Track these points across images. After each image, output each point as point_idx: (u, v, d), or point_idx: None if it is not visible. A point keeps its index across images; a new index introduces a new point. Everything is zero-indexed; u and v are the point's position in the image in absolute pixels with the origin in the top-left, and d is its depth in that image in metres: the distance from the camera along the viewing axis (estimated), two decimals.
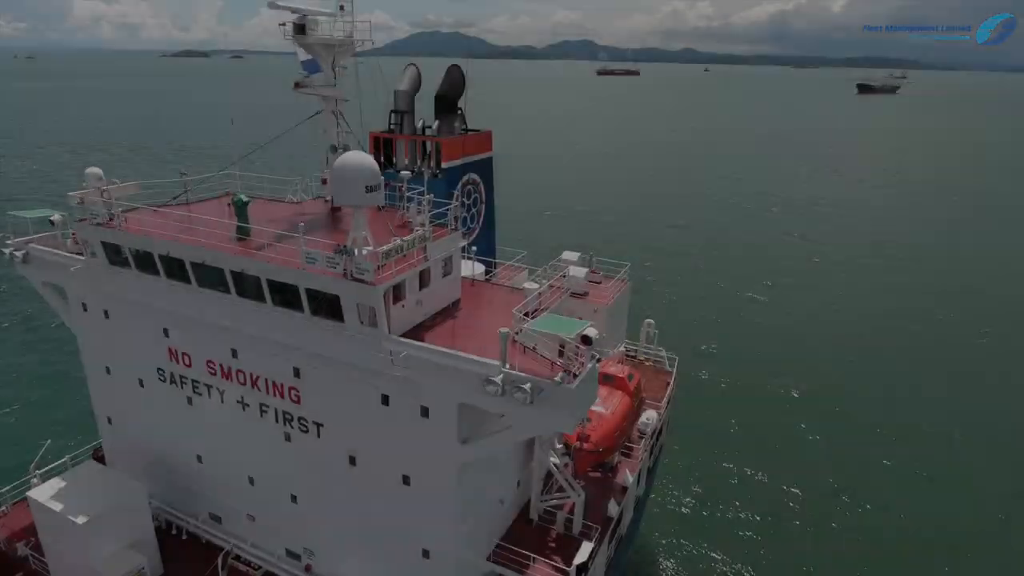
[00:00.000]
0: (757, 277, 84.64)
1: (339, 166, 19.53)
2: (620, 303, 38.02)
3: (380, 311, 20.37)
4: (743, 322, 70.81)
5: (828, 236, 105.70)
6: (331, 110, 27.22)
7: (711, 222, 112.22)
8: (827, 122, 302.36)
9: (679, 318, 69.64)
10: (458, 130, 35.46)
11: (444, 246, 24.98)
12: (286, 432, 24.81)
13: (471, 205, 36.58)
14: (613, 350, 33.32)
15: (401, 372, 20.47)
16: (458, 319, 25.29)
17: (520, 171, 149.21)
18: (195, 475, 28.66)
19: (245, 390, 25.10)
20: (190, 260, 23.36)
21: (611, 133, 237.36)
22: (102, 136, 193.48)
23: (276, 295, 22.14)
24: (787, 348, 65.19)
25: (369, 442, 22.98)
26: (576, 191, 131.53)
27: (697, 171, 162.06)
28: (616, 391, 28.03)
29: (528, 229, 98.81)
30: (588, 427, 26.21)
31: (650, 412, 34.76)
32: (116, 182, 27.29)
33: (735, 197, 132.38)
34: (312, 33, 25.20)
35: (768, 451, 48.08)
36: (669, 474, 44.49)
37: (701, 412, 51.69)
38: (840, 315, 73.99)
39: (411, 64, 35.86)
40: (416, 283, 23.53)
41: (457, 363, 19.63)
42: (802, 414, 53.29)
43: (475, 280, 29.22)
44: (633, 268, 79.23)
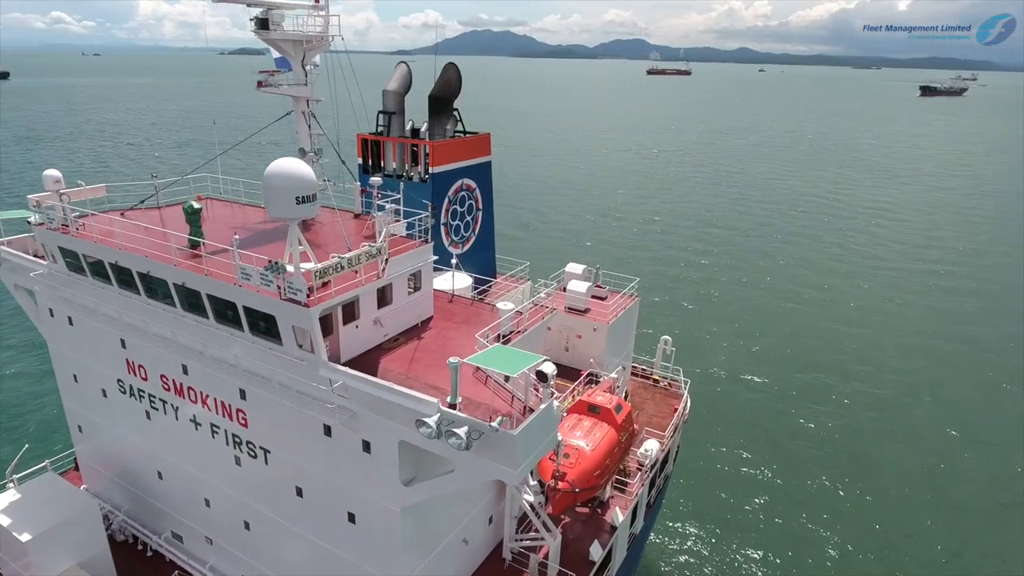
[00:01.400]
0: (795, 290, 79.93)
1: (267, 175, 17.66)
2: (624, 321, 35.38)
3: (316, 335, 18.44)
4: (778, 342, 66.48)
5: (877, 248, 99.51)
6: (301, 111, 25.50)
7: (750, 230, 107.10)
8: (883, 125, 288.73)
9: (705, 335, 66.04)
10: (450, 132, 33.34)
11: (410, 260, 22.98)
12: (236, 455, 23.23)
13: (464, 213, 34.40)
14: (606, 376, 30.67)
15: (336, 402, 18.55)
16: (424, 340, 23.26)
17: (544, 173, 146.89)
18: (157, 492, 27.46)
19: (196, 409, 23.63)
20: (136, 270, 21.98)
21: (651, 133, 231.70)
22: (150, 132, 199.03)
23: (217, 311, 20.51)
24: (829, 371, 60.62)
25: (314, 474, 21.15)
26: (603, 195, 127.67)
27: (738, 175, 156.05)
28: (601, 423, 25.48)
29: (544, 236, 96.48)
30: (565, 464, 23.74)
31: (651, 442, 32.01)
32: (81, 184, 26.28)
33: (777, 203, 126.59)
34: (277, 28, 23.43)
35: (794, 488, 44.30)
36: (675, 510, 41.39)
37: (720, 440, 48.37)
38: (887, 337, 68.80)
39: (401, 62, 33.92)
40: (373, 301, 21.61)
41: (393, 398, 17.54)
42: (836, 447, 49.11)
43: (454, 296, 27.14)
44: (660, 280, 75.71)
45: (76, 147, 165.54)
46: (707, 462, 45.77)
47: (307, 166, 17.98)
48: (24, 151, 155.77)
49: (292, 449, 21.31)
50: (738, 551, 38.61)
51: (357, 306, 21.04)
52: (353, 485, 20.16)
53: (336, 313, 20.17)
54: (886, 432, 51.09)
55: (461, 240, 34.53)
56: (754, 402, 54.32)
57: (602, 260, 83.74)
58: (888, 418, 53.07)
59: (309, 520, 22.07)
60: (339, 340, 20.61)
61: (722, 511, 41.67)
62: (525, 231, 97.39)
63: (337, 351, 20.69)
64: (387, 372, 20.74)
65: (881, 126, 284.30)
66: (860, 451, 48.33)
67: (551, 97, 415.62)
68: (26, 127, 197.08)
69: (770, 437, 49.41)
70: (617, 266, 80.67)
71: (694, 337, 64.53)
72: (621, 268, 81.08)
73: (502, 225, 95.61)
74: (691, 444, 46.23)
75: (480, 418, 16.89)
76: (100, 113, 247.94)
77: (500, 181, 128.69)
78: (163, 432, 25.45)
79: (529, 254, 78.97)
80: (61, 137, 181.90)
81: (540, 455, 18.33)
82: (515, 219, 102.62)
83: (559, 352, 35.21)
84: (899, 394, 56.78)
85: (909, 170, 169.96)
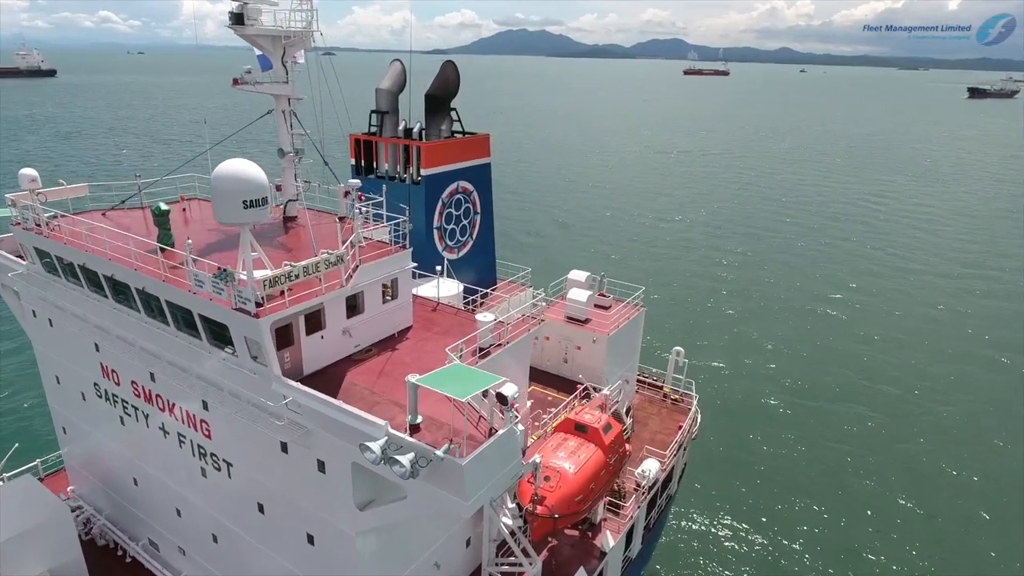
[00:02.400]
0: (827, 301, 76.56)
1: (214, 177, 16.67)
2: (627, 332, 33.76)
3: (267, 347, 17.39)
4: (805, 354, 63.59)
5: (917, 256, 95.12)
6: (282, 110, 24.55)
7: (779, 236, 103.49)
8: (927, 128, 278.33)
9: (724, 346, 63.53)
10: (445, 132, 32.09)
11: (384, 267, 21.85)
12: (202, 467, 22.40)
13: (460, 217, 33.11)
14: (604, 390, 29.08)
15: (288, 419, 17.49)
16: (398, 352, 22.11)
17: (559, 174, 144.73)
18: (134, 498, 26.90)
19: (165, 417, 22.88)
20: (102, 273, 21.29)
21: (676, 134, 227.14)
22: (186, 129, 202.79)
23: (175, 318, 19.66)
24: (858, 388, 57.53)
25: (274, 491, 20.17)
26: (620, 197, 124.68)
27: (770, 178, 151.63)
28: (588, 444, 23.96)
29: (557, 241, 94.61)
30: (545, 487, 22.32)
31: (650, 462, 30.36)
32: (62, 183, 25.79)
33: (812, 208, 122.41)
34: (253, 23, 22.49)
35: (812, 516, 41.85)
36: (680, 532, 39.44)
37: (733, 459, 46.09)
38: (924, 351, 65.19)
39: (396, 60, 32.82)
40: (341, 310, 20.54)
41: (341, 417, 16.39)
42: (863, 471, 46.24)
43: (440, 304, 25.91)
44: (679, 286, 73.26)
45: (117, 142, 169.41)
46: (717, 481, 43.62)
47: (257, 168, 16.93)
48: (66, 146, 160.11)
49: (252, 464, 20.39)
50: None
51: (323, 315, 19.99)
52: (310, 505, 19.12)
53: (297, 323, 19.14)
54: (922, 454, 47.92)
55: (457, 245, 33.27)
56: (774, 420, 51.76)
57: (618, 264, 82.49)
58: (926, 441, 49.75)
59: (271, 538, 21.14)
60: (301, 351, 19.58)
61: (730, 535, 39.62)
62: (536, 236, 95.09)
63: (299, 363, 19.67)
64: (352, 387, 19.66)
65: (925, 128, 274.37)
66: (893, 478, 45.49)
67: (577, 97, 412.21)
68: (69, 123, 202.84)
69: (789, 458, 46.99)
70: (635, 272, 79.01)
71: (713, 348, 62.16)
72: (638, 274, 79.35)
73: (515, 229, 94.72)
74: (701, 462, 44.28)
75: (440, 442, 15.65)
76: (140, 110, 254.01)
77: (517, 183, 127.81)
78: (136, 439, 24.84)
79: (540, 259, 78.18)
80: (103, 132, 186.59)
81: (502, 485, 17.01)
82: (525, 223, 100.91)
83: (558, 363, 33.80)
84: (939, 416, 53.58)
85: (954, 174, 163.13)
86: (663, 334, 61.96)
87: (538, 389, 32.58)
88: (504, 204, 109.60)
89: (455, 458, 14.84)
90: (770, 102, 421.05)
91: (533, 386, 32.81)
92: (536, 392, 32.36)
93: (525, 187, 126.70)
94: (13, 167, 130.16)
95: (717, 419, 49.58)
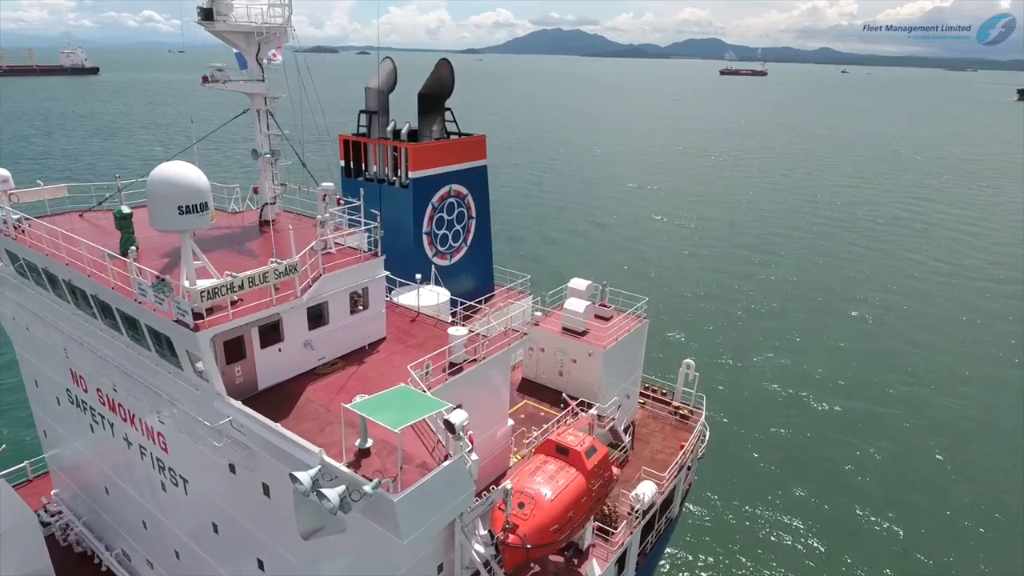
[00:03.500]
0: (855, 312, 73.30)
1: (149, 181, 15.64)
2: (627, 346, 32.00)
3: (207, 362, 16.30)
4: (828, 368, 60.73)
5: (955, 265, 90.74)
6: (257, 109, 23.55)
7: (807, 242, 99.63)
8: (972, 131, 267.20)
9: (740, 358, 61.05)
10: (437, 134, 30.75)
11: (351, 276, 20.66)
12: (162, 481, 21.52)
13: (453, 221, 31.74)
14: (586, 412, 27.43)
15: (232, 438, 16.41)
16: (365, 366, 20.91)
17: (568, 176, 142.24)
18: (107, 507, 26.26)
19: (127, 428, 22.07)
20: (62, 278, 20.55)
21: (703, 135, 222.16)
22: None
23: (127, 327, 18.76)
24: (884, 404, 54.70)
25: (225, 512, 19.13)
26: (634, 201, 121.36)
27: (801, 182, 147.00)
28: (568, 468, 22.37)
29: (563, 248, 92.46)
30: (519, 514, 20.83)
31: (646, 484, 28.61)
32: (40, 183, 25.22)
33: (845, 214, 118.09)
34: (223, 19, 21.50)
35: (828, 541, 39.56)
36: (680, 558, 37.49)
37: (744, 479, 43.89)
38: (956, 365, 61.77)
39: (387, 58, 31.59)
40: (302, 321, 19.40)
41: (277, 441, 15.22)
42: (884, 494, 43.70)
43: (420, 314, 24.65)
44: (695, 295, 70.53)
45: (149, 139, 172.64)
46: (726, 503, 41.47)
47: (197, 172, 15.85)
48: (103, 142, 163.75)
49: (205, 482, 19.40)
50: None
51: (281, 327, 18.88)
52: (257, 530, 18.02)
53: (250, 335, 18.03)
54: (962, 491, 44.10)
55: (449, 251, 31.93)
56: (790, 439, 49.13)
57: (631, 271, 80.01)
58: (965, 475, 46.03)
59: (226, 560, 20.15)
60: (255, 365, 18.49)
61: (738, 561, 37.54)
62: (547, 242, 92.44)
63: (254, 377, 18.59)
64: (308, 404, 18.52)
65: (970, 131, 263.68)
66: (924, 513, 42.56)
67: (602, 95, 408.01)
68: (108, 119, 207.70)
69: (805, 482, 44.40)
70: (648, 279, 76.67)
71: (728, 362, 59.74)
72: (653, 281, 77.01)
73: (528, 234, 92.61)
74: (708, 481, 42.28)
75: (390, 471, 14.40)
76: (177, 106, 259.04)
77: (529, 185, 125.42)
78: (104, 448, 24.16)
79: (549, 265, 76.20)
80: (141, 129, 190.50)
81: (448, 518, 15.60)
82: (538, 227, 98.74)
83: (553, 376, 32.22)
84: (969, 436, 50.53)
85: (998, 180, 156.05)
86: (675, 345, 59.87)
87: (531, 403, 31.09)
88: (516, 207, 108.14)
89: (388, 493, 13.51)
90: (806, 103, 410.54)
91: (525, 400, 31.35)
92: (528, 407, 30.87)
93: (536, 189, 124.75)
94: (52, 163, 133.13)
95: (729, 436, 47.43)
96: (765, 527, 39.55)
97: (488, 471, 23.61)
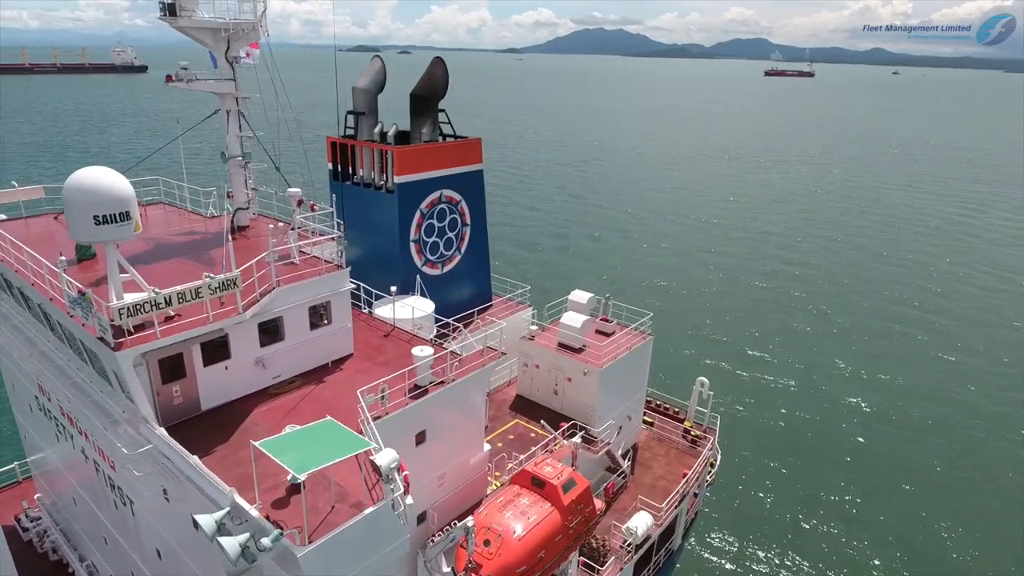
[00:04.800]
0: (892, 331, 69.28)
1: (64, 188, 14.44)
2: (628, 364, 30.03)
3: (131, 384, 15.10)
4: (864, 390, 57.38)
5: (1006, 282, 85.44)
6: (227, 110, 22.41)
7: (841, 254, 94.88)
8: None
9: (761, 377, 58.05)
10: (427, 136, 29.19)
11: (309, 289, 19.31)
12: (114, 499, 20.54)
13: (445, 229, 30.13)
14: (569, 440, 25.51)
15: (156, 464, 15.21)
16: (324, 386, 19.55)
17: (595, 181, 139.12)
18: (76, 517, 25.55)
19: (83, 442, 21.15)
20: (15, 285, 19.74)
21: (743, 137, 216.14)
22: None
23: (68, 341, 17.77)
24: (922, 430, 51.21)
25: (165, 540, 17.98)
26: (649, 207, 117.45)
27: (838, 188, 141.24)
28: (542, 503, 20.58)
29: (574, 256, 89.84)
30: (484, 552, 19.17)
31: (641, 516, 26.68)
32: (15, 184, 24.64)
33: (884, 223, 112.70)
34: (188, 15, 20.37)
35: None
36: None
37: (763, 508, 41.17)
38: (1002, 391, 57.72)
39: (376, 56, 30.20)
40: (253, 337, 18.12)
41: (193, 475, 13.91)
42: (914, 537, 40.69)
43: (395, 327, 23.20)
44: (715, 308, 67.16)
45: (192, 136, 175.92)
46: (737, 533, 38.83)
47: (116, 178, 14.63)
48: (147, 140, 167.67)
49: (148, 506, 18.25)
50: None
51: (228, 344, 17.62)
52: (193, 562, 16.77)
53: (190, 352, 16.80)
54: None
55: (440, 260, 30.35)
56: (814, 468, 45.65)
57: (648, 281, 76.92)
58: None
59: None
60: (197, 384, 17.25)
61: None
62: (554, 251, 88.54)
63: (195, 397, 17.36)
64: (253, 427, 17.23)
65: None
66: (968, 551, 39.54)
67: (634, 96, 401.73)
68: (152, 117, 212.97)
69: (828, 513, 41.54)
70: (669, 290, 73.54)
71: (745, 380, 56.65)
72: (674, 291, 73.83)
73: (545, 244, 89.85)
74: (719, 508, 39.85)
75: (325, 510, 13.00)
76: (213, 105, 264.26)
77: (544, 188, 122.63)
78: (68, 459, 23.36)
79: (562, 274, 73.78)
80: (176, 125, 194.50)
81: (376, 569, 14.01)
82: (556, 235, 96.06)
83: (548, 395, 30.42)
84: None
85: None
86: (689, 361, 57.03)
87: (522, 423, 29.36)
88: (529, 212, 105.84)
89: (293, 545, 12.01)
90: (853, 104, 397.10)
91: (516, 419, 29.64)
92: (519, 427, 29.15)
93: (559, 193, 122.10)
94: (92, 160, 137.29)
95: (744, 461, 44.70)
96: (781, 564, 36.91)
97: (461, 499, 22.01)
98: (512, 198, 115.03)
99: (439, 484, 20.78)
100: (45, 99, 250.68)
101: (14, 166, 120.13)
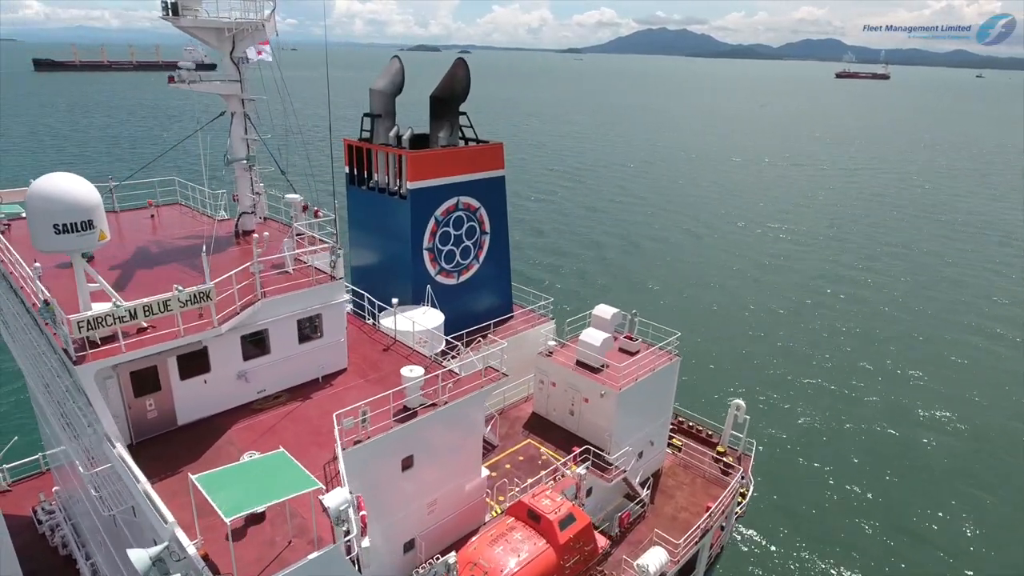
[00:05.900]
0: (953, 353, 64.41)
1: (27, 195, 13.86)
2: (650, 386, 28.19)
3: (93, 400, 14.49)
4: (915, 414, 53.35)
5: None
6: (232, 111, 21.85)
7: (899, 271, 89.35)
8: None
9: (803, 402, 54.58)
10: (444, 140, 28.00)
11: (298, 301, 18.45)
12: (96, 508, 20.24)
13: (462, 237, 28.91)
14: (574, 471, 23.84)
15: (103, 489, 14.57)
16: (310, 403, 18.67)
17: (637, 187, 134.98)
18: (81, 514, 25.58)
19: (73, 444, 20.96)
20: (10, 284, 19.64)
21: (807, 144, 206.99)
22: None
23: (52, 347, 17.39)
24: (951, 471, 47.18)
25: (127, 565, 17.44)
26: (697, 213, 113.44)
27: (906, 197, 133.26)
28: (537, 538, 19.13)
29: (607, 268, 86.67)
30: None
31: (655, 552, 24.82)
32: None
33: (951, 235, 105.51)
34: (190, 14, 19.84)
35: None
36: None
37: (800, 546, 38.38)
38: None
39: (395, 57, 29.17)
40: (235, 350, 17.37)
41: (140, 501, 13.15)
42: None
43: (396, 340, 22.19)
44: (757, 328, 63.16)
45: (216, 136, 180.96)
46: (769, 568, 36.22)
47: (80, 185, 13.98)
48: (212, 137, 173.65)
49: (120, 523, 17.76)
50: None
51: (208, 357, 16.90)
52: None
53: (166, 365, 16.14)
54: None
55: (456, 269, 29.18)
56: (859, 502, 42.45)
57: (686, 295, 73.35)
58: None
59: None
60: (174, 398, 16.60)
61: None
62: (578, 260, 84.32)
63: (171, 411, 16.72)
64: (227, 446, 16.46)
65: None
66: None
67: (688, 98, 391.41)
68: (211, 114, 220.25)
69: (873, 552, 38.42)
70: (711, 306, 70.15)
71: (787, 404, 53.28)
72: (716, 307, 70.33)
73: (581, 255, 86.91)
74: (751, 542, 37.23)
75: (281, 544, 12.05)
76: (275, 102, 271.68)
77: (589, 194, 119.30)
78: (63, 459, 23.35)
79: (597, 286, 71.09)
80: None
81: None
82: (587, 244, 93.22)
83: (564, 415, 28.86)
84: None
85: None
86: (726, 381, 53.92)
87: (534, 443, 27.90)
88: (565, 219, 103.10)
89: None
90: (928, 110, 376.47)
91: (529, 439, 28.21)
92: (531, 447, 27.71)
93: (593, 196, 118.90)
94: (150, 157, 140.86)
95: (782, 492, 41.61)
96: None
97: (456, 526, 20.82)
98: (554, 202, 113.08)
99: (429, 511, 19.65)
100: (121, 96, 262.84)
101: (96, 161, 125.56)
